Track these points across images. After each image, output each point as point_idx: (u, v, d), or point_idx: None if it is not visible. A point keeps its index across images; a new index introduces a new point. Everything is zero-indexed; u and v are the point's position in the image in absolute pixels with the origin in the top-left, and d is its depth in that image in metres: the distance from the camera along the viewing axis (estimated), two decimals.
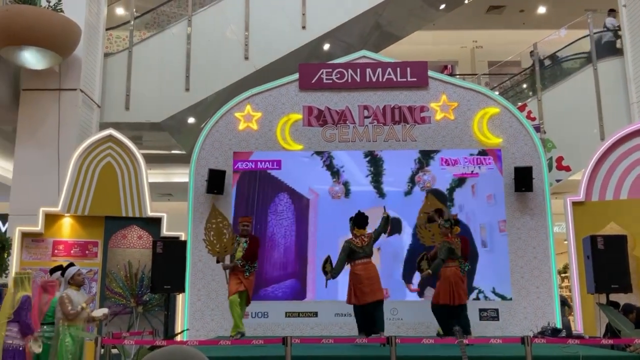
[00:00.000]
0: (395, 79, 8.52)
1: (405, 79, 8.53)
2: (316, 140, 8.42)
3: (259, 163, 8.39)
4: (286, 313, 7.81)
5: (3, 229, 9.92)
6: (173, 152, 12.77)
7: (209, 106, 10.52)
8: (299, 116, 8.49)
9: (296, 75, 8.62)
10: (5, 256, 8.32)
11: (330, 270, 6.38)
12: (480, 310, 7.72)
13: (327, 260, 6.47)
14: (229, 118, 8.54)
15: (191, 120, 11.11)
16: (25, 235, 8.10)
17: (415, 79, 8.51)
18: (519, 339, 4.86)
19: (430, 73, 8.62)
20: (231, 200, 8.27)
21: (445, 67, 15.20)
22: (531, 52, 11.19)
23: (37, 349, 6.28)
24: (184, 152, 12.17)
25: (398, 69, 8.55)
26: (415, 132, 8.39)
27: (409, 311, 7.77)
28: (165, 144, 12.22)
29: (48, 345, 6.37)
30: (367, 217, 6.51)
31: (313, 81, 8.55)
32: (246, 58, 10.38)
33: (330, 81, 8.53)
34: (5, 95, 9.31)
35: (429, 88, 8.52)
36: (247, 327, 7.59)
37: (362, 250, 6.32)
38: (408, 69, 8.54)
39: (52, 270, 6.77)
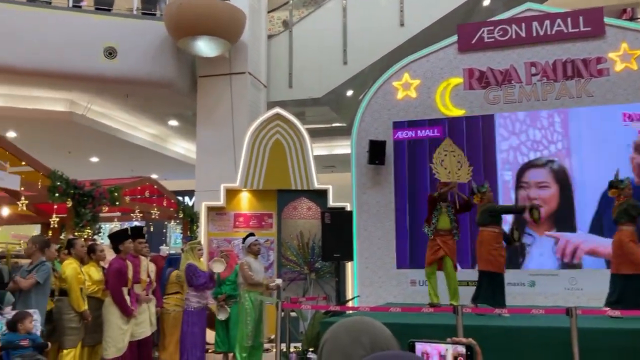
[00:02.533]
0: (566, 30, 7.81)
1: (577, 29, 7.78)
2: (478, 103, 8.08)
3: (419, 131, 8.30)
4: None
5: (190, 204, 11.08)
6: (334, 125, 13.14)
7: (367, 77, 10.61)
8: (460, 80, 8.20)
9: (454, 38, 8.31)
10: (195, 228, 9.33)
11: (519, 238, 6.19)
12: None
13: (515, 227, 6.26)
14: (387, 88, 8.54)
15: (349, 92, 11.31)
16: (210, 209, 8.96)
17: (589, 28, 7.72)
18: None
19: (607, 20, 7.75)
20: (391, 170, 8.31)
21: (624, 11, 13.53)
22: None
23: (221, 316, 6.98)
24: (344, 125, 12.47)
25: (569, 19, 7.82)
26: (592, 87, 7.65)
27: (589, 280, 7.25)
28: (326, 118, 12.62)
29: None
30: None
31: (473, 41, 8.17)
32: (402, 24, 10.24)
33: (492, 39, 8.08)
34: (185, 83, 10.29)
35: (606, 37, 7.68)
36: (414, 294, 7.69)
37: None
38: (580, 18, 7.77)
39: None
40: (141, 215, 8.75)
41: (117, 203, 7.43)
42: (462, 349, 1.33)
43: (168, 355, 6.81)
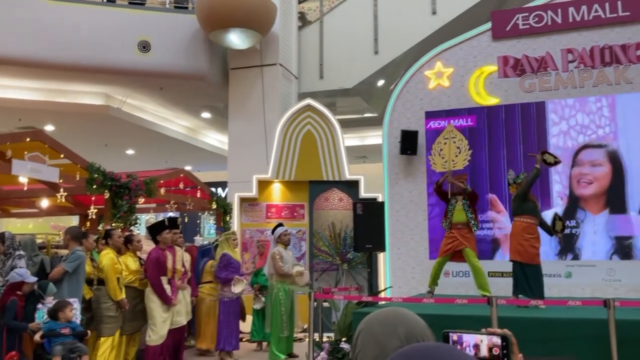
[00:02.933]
0: (603, 16, 7.59)
1: (615, 14, 7.55)
2: (514, 91, 7.93)
3: (452, 121, 8.19)
4: (488, 272, 7.64)
5: (223, 195, 11.20)
6: (365, 115, 13.09)
7: (398, 67, 10.53)
8: (494, 68, 8.06)
9: (488, 25, 8.16)
10: (228, 219, 9.44)
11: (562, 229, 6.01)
12: None
13: (557, 217, 6.08)
14: (419, 77, 8.45)
15: (381, 82, 11.24)
16: (243, 200, 9.05)
17: (628, 13, 7.48)
18: None
19: None
20: (424, 160, 8.23)
21: None
22: None
23: (257, 305, 7.08)
24: (375, 115, 12.41)
25: (606, 3, 7.59)
26: (631, 73, 7.42)
27: (628, 271, 7.07)
28: (357, 108, 12.58)
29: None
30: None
31: (507, 29, 8.02)
32: (434, 12, 10.11)
33: (527, 26, 7.91)
34: (217, 75, 10.38)
35: None
36: (449, 285, 7.63)
37: None
38: (619, 3, 7.54)
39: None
40: (176, 206, 8.90)
41: (153, 195, 7.56)
42: (497, 340, 1.32)
43: (205, 343, 6.94)
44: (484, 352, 1.32)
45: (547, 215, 6.59)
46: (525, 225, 5.94)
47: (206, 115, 12.91)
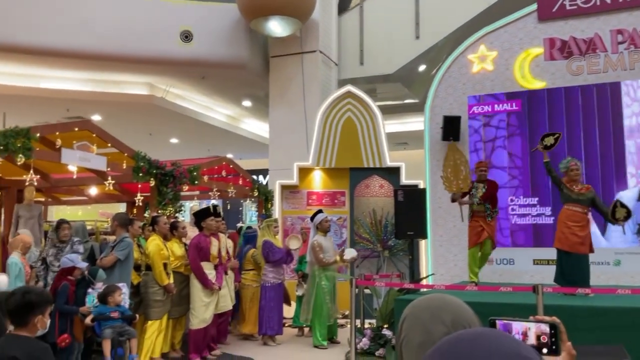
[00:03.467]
0: None
1: None
2: (560, 74, 7.70)
3: (495, 105, 8.03)
4: (534, 260, 7.50)
5: (264, 182, 11.30)
6: (406, 101, 12.93)
7: (440, 51, 10.35)
8: (540, 50, 7.83)
9: (534, 6, 7.93)
10: (269, 206, 9.52)
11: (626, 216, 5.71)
12: None
13: (618, 204, 5.80)
14: (462, 61, 8.29)
15: (422, 67, 11.07)
16: (284, 187, 9.11)
17: None
18: None
19: None
20: (467, 146, 8.10)
21: None
22: None
23: (299, 291, 7.14)
24: (417, 101, 12.25)
25: None
26: None
27: None
28: (398, 94, 12.43)
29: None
30: None
31: (554, 10, 7.77)
32: None
33: (575, 7, 7.65)
34: (258, 64, 10.44)
35: None
36: (492, 273, 7.53)
37: None
38: None
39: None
40: (218, 193, 9.02)
41: (196, 182, 7.69)
42: (545, 327, 1.29)
43: (248, 328, 7.06)
44: (531, 339, 1.30)
45: (623, 197, 6.40)
46: (570, 213, 5.79)
47: (247, 103, 13.01)
